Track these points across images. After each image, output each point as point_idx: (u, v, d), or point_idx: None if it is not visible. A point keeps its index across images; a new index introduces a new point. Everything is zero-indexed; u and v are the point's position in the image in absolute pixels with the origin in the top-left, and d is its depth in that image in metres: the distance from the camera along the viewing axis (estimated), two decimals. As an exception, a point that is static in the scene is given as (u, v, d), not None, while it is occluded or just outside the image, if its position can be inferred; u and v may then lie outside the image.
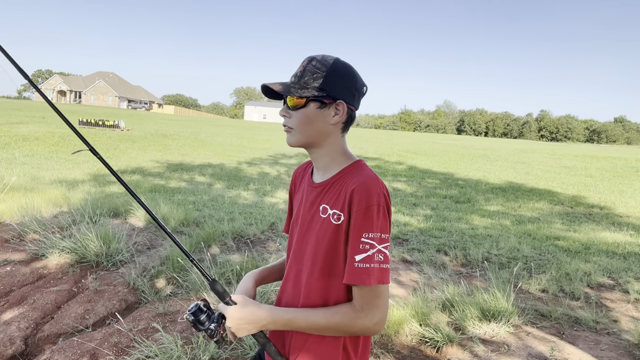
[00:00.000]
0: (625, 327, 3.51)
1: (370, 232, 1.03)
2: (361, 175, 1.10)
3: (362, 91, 1.18)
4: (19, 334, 2.92)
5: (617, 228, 7.60)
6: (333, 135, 1.16)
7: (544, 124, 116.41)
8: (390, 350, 2.98)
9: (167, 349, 2.68)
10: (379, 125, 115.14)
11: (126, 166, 11.69)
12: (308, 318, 1.08)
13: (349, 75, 1.13)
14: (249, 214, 6.46)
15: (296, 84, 1.13)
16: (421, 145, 29.50)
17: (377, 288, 1.04)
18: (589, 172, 18.16)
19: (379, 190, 1.06)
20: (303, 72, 1.13)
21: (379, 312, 1.05)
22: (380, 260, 1.03)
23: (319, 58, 1.13)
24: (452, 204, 9.38)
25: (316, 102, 1.12)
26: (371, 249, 1.03)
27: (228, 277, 3.89)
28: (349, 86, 1.13)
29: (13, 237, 4.59)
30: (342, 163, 1.18)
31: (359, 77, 1.16)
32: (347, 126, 1.18)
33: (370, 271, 1.03)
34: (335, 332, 1.09)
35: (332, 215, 1.10)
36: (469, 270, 4.71)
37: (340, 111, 1.13)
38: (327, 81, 1.10)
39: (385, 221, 1.06)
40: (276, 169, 13.36)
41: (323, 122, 1.13)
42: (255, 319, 1.08)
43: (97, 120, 21.95)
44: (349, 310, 1.07)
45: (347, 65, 1.14)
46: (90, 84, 72.54)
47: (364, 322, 1.05)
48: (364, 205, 1.04)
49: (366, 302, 1.05)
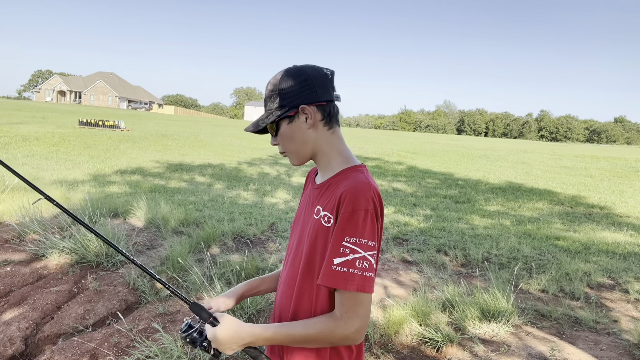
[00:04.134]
0: (625, 327, 3.51)
1: (353, 237, 1.01)
2: (353, 179, 1.09)
3: (324, 80, 1.14)
4: (19, 334, 2.92)
5: (617, 228, 7.60)
6: (320, 136, 1.16)
7: (544, 124, 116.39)
8: (390, 350, 2.98)
9: (167, 349, 2.68)
10: (379, 126, 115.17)
11: (126, 166, 11.69)
12: (288, 333, 1.07)
13: (299, 77, 1.13)
14: (249, 214, 6.46)
15: (264, 115, 1.18)
16: (421, 145, 29.50)
17: (358, 295, 1.02)
18: (589, 172, 18.16)
19: (368, 195, 1.03)
20: (265, 101, 1.18)
21: (359, 320, 1.03)
22: (364, 267, 1.01)
23: (271, 80, 1.16)
24: (452, 204, 9.38)
25: (284, 119, 1.15)
26: (352, 253, 1.01)
27: (228, 277, 3.89)
28: (305, 86, 1.12)
29: (13, 237, 4.59)
30: (340, 164, 1.18)
31: (314, 70, 1.15)
32: (330, 121, 1.17)
33: (350, 276, 1.01)
34: (316, 344, 1.07)
35: (323, 217, 1.10)
36: (469, 270, 4.71)
37: (308, 113, 1.13)
38: (283, 96, 1.13)
39: (373, 227, 1.03)
40: (276, 169, 13.36)
41: (301, 132, 1.15)
42: (238, 339, 1.08)
43: (97, 121, 21.93)
44: (327, 320, 1.05)
45: (295, 69, 1.15)
46: (90, 84, 72.55)
47: (342, 330, 1.03)
48: (350, 209, 1.02)
49: (346, 309, 1.03)
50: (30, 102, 52.70)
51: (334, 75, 1.17)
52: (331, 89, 1.16)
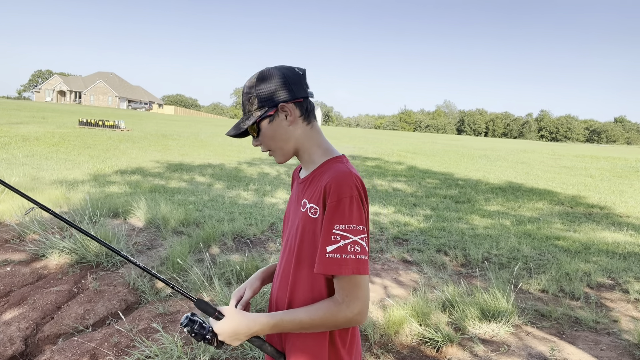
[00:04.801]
0: (625, 327, 3.51)
1: (342, 224, 1.06)
2: (334, 169, 1.13)
3: (298, 78, 1.19)
4: (19, 334, 2.92)
5: (617, 228, 7.60)
6: (300, 132, 1.21)
7: (544, 124, 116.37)
8: (390, 350, 2.98)
9: (167, 349, 2.68)
10: (379, 125, 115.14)
11: (126, 166, 11.69)
12: (293, 319, 1.11)
13: (274, 77, 1.18)
14: (249, 214, 6.46)
15: (244, 117, 1.22)
16: (421, 145, 29.50)
17: (355, 278, 1.07)
18: (589, 172, 18.15)
19: (350, 183, 1.08)
20: (243, 105, 1.22)
21: (360, 302, 1.08)
22: (356, 251, 1.06)
23: (247, 84, 1.21)
24: (452, 204, 9.38)
25: (264, 119, 1.19)
26: (343, 240, 1.06)
27: (228, 277, 3.89)
28: (281, 85, 1.17)
29: (13, 237, 4.59)
30: (320, 157, 1.22)
31: (287, 69, 1.20)
32: (308, 116, 1.22)
33: (344, 262, 1.05)
34: (321, 328, 1.11)
35: (310, 209, 1.15)
36: (469, 270, 4.71)
37: (288, 110, 1.18)
38: (261, 97, 1.18)
39: (360, 213, 1.08)
40: (276, 169, 13.36)
41: (282, 129, 1.20)
42: (244, 329, 1.12)
43: (97, 121, 21.93)
44: (330, 304, 1.09)
45: (269, 70, 1.19)
46: (90, 84, 72.52)
47: (345, 313, 1.07)
48: (336, 199, 1.07)
49: (346, 293, 1.07)
50: (30, 102, 52.70)
51: (305, 74, 1.23)
52: (305, 86, 1.21)
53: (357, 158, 18.79)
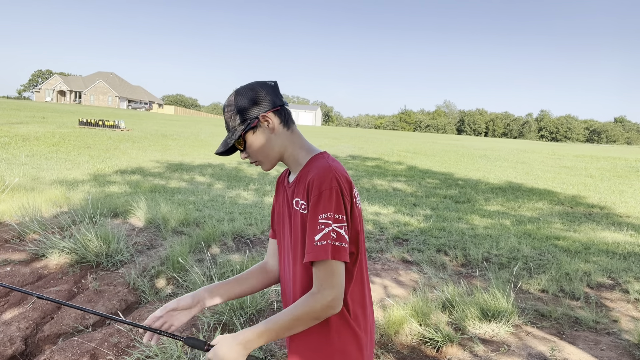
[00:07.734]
0: (625, 327, 3.51)
1: (325, 213, 1.12)
2: (315, 166, 1.21)
3: (271, 89, 1.28)
4: (19, 334, 2.92)
5: (617, 228, 7.60)
6: (282, 139, 1.29)
7: (544, 124, 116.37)
8: (390, 350, 2.98)
9: (167, 349, 2.68)
10: (379, 125, 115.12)
11: (126, 166, 11.70)
12: (277, 320, 1.16)
13: (251, 92, 1.26)
14: (249, 214, 6.46)
15: (229, 134, 1.30)
16: (421, 145, 29.50)
17: (331, 264, 1.12)
18: (589, 172, 18.16)
19: (330, 176, 1.15)
20: (226, 122, 1.29)
21: (333, 290, 1.12)
22: (333, 237, 1.11)
23: (225, 103, 1.29)
24: (452, 204, 9.38)
25: (248, 131, 1.27)
26: (326, 227, 1.12)
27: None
28: (257, 99, 1.26)
29: (13, 237, 4.59)
30: (304, 157, 1.29)
31: (260, 83, 1.28)
32: (287, 122, 1.29)
33: (325, 247, 1.11)
34: (304, 323, 1.15)
35: (301, 205, 1.21)
36: (469, 270, 4.71)
37: (268, 120, 1.26)
38: (242, 112, 1.25)
39: (339, 202, 1.14)
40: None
41: (265, 138, 1.27)
42: (238, 347, 1.15)
43: (97, 121, 21.93)
44: (307, 298, 1.15)
45: (244, 87, 1.28)
46: (90, 84, 72.50)
47: (321, 302, 1.12)
48: (317, 192, 1.14)
49: (321, 282, 1.12)
50: (30, 102, 52.69)
51: (277, 85, 1.32)
52: (280, 96, 1.31)
53: (357, 158, 18.79)
